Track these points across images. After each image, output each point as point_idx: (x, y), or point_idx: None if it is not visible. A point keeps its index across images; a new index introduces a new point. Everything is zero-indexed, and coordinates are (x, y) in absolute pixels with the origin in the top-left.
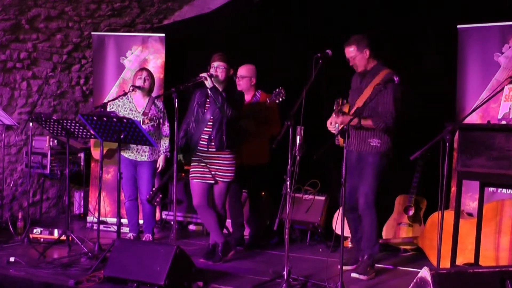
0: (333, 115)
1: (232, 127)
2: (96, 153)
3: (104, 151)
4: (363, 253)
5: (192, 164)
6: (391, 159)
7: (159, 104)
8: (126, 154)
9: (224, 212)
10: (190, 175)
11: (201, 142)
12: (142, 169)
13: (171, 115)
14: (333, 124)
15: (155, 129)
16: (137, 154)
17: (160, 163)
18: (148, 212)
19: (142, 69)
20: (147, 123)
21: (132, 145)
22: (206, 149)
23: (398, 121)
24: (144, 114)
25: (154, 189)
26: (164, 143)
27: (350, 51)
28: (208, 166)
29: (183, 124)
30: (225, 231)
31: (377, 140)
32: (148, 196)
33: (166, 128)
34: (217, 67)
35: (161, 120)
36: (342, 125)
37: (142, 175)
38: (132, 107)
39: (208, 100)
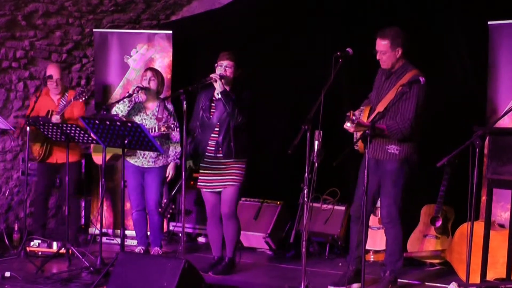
0: (346, 123)
1: (240, 133)
2: (97, 159)
3: (109, 156)
4: (384, 269)
5: (200, 171)
6: (415, 166)
7: (170, 107)
8: (132, 160)
9: (236, 221)
10: (198, 183)
11: (208, 148)
12: (150, 176)
13: (179, 118)
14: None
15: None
16: (144, 159)
17: (170, 171)
18: (156, 223)
19: (147, 69)
20: (164, 130)
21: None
22: (214, 155)
23: (419, 128)
24: (158, 119)
25: (165, 201)
26: (174, 149)
27: (383, 45)
28: (216, 174)
29: (189, 127)
30: None
31: (396, 146)
32: (160, 209)
33: (176, 133)
34: (226, 66)
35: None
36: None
37: (150, 183)
38: (142, 109)
39: (213, 104)
